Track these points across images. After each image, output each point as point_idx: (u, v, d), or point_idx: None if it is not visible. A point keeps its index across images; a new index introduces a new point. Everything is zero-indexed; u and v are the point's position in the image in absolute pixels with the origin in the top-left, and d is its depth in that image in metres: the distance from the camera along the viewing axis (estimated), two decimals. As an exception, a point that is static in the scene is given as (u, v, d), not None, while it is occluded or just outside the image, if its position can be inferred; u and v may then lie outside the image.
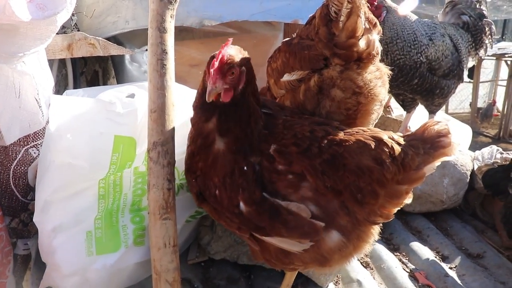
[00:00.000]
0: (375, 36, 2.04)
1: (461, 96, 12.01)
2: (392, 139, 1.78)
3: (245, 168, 1.72)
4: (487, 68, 11.46)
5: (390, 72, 2.20)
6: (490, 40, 3.34)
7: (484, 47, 3.35)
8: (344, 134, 1.80)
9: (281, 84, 2.20)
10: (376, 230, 1.86)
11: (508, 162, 2.86)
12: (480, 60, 10.09)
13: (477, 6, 3.32)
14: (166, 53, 2.00)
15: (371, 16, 2.05)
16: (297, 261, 1.84)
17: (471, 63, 3.48)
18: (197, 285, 2.33)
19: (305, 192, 1.71)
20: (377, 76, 2.09)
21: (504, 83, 10.10)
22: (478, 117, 10.31)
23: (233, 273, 2.44)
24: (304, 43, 2.10)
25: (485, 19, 3.31)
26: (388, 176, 1.72)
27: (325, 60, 2.01)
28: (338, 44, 1.94)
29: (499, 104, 10.39)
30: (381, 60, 2.20)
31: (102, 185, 2.03)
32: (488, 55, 9.95)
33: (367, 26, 1.99)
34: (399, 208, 1.83)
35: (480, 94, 11.15)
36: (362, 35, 1.94)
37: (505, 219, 2.58)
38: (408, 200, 1.83)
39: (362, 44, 1.96)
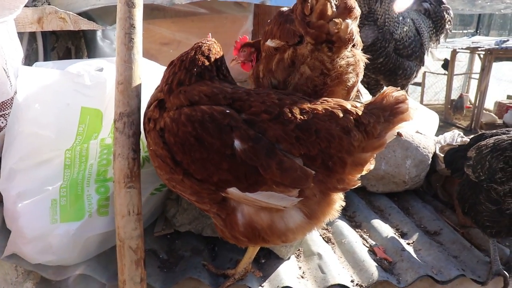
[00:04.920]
0: (350, 22, 2.02)
1: (436, 88, 12.30)
2: (355, 107, 1.86)
3: (228, 111, 1.77)
4: (462, 61, 11.74)
5: (367, 60, 2.25)
6: (450, 25, 3.46)
7: (445, 32, 3.47)
8: (310, 103, 1.86)
9: (264, 47, 2.30)
10: (339, 197, 1.95)
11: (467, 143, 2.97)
12: (454, 53, 10.34)
13: None
14: (134, 27, 2.06)
15: (350, 2, 2.03)
16: (265, 234, 1.88)
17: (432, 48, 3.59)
18: (162, 256, 2.40)
19: None
20: (350, 62, 2.12)
21: (478, 76, 10.36)
22: (451, 109, 10.59)
23: (197, 244, 2.51)
24: (291, 17, 2.14)
25: (443, 5, 3.43)
26: (356, 144, 1.80)
27: (300, 37, 2.07)
28: (310, 23, 1.98)
29: (472, 97, 10.68)
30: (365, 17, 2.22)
31: (68, 155, 2.08)
32: (462, 48, 10.24)
33: (341, 11, 1.98)
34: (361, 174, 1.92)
35: (454, 87, 11.44)
36: (333, 19, 1.96)
37: (459, 196, 2.70)
38: (371, 166, 1.92)
39: (333, 27, 1.97)
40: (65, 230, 2.01)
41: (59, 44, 3.54)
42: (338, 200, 1.94)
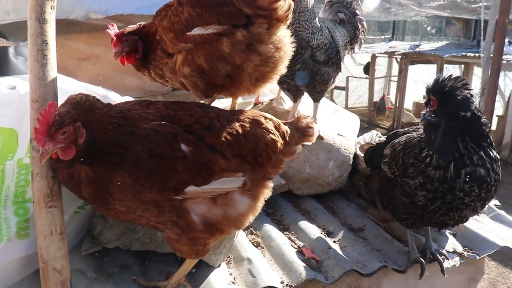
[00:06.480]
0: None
1: (359, 92, 12.94)
2: (272, 119, 2.27)
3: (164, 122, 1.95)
4: (381, 65, 12.46)
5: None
6: (364, 35, 3.70)
7: (359, 42, 3.71)
8: (231, 114, 2.16)
9: (187, 38, 2.26)
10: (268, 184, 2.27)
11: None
12: (374, 57, 10.96)
13: (352, 6, 3.68)
14: (47, 43, 2.03)
15: None
16: (222, 225, 2.07)
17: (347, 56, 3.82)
18: (90, 274, 2.35)
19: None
20: (288, 34, 2.39)
21: (396, 78, 11.03)
22: (374, 111, 11.19)
23: (127, 260, 2.48)
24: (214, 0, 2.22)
25: (357, 17, 3.67)
26: (279, 144, 2.19)
27: (247, 17, 2.19)
28: (261, 6, 2.15)
29: (393, 98, 11.37)
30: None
31: (-18, 178, 2.00)
32: (381, 53, 10.87)
33: None
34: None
35: (376, 89, 12.10)
36: None
37: (378, 192, 2.89)
38: (281, 170, 2.31)
39: (285, 6, 2.20)
40: (-19, 256, 1.92)
41: (-32, 62, 3.37)
42: (269, 183, 2.27)
